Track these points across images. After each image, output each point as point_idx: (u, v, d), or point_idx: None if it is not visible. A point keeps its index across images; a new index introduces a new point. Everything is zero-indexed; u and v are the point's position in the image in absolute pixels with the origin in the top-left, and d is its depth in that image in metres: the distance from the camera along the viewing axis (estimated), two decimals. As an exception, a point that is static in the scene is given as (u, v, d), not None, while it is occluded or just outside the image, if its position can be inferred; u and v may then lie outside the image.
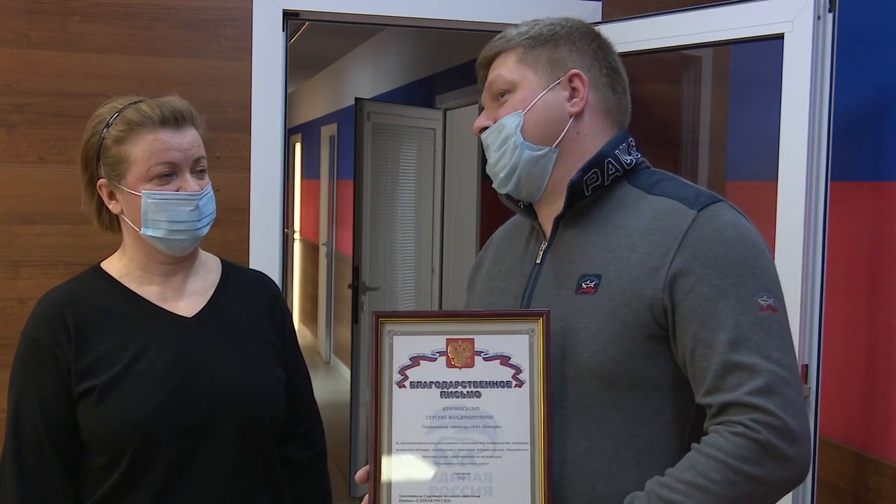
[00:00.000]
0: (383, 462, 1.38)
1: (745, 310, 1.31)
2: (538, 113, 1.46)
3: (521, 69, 1.48)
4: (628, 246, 1.39)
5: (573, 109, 1.47)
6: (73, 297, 1.65)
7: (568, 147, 1.47)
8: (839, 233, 2.54)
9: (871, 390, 2.49)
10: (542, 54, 1.49)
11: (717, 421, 1.30)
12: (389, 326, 1.41)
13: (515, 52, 1.49)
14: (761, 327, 1.30)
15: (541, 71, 1.48)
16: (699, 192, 1.42)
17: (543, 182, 1.48)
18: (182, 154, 1.61)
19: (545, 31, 1.50)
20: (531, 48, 1.49)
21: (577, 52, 1.49)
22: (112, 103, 1.67)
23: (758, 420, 1.26)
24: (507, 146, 1.47)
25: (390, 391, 1.39)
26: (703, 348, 1.31)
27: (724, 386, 1.29)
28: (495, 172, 1.50)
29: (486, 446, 1.36)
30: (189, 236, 1.63)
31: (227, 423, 1.63)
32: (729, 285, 1.31)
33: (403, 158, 5.39)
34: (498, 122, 1.48)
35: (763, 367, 1.28)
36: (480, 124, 1.52)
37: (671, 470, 1.30)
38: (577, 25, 1.52)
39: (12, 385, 1.64)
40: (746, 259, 1.33)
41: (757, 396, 1.26)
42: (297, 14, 2.91)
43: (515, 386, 1.37)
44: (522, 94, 1.47)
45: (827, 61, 2.35)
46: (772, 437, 1.25)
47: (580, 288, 1.40)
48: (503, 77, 1.49)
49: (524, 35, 1.50)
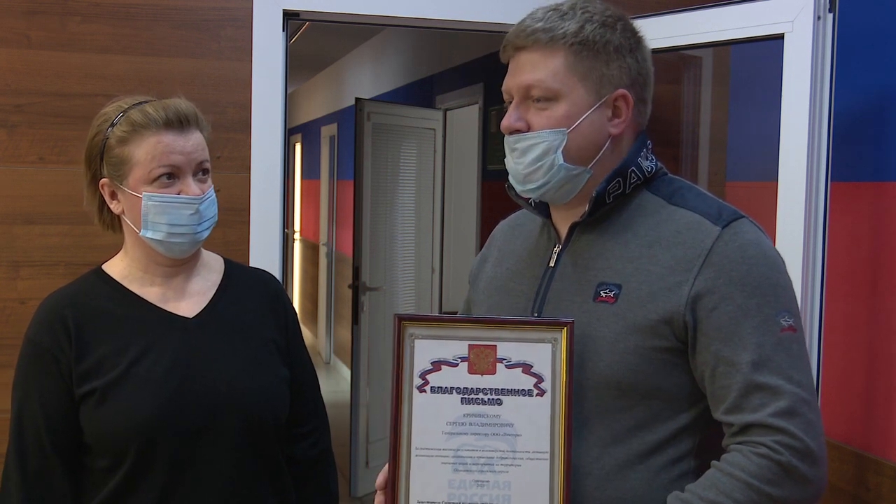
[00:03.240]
0: (402, 467, 1.37)
1: (768, 330, 1.31)
2: (581, 133, 1.40)
3: (568, 79, 1.39)
4: (649, 257, 1.38)
5: (614, 131, 1.42)
6: (74, 300, 1.65)
7: (601, 165, 1.43)
8: (839, 233, 2.54)
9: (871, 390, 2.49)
10: (594, 67, 1.39)
11: (739, 440, 1.30)
12: (411, 330, 1.40)
13: (562, 54, 1.39)
14: (783, 348, 1.31)
15: (590, 86, 1.40)
16: (721, 207, 1.40)
17: (571, 195, 1.45)
18: (185, 157, 1.61)
19: (597, 35, 1.40)
20: (581, 56, 1.39)
21: (626, 69, 1.41)
22: (118, 102, 1.66)
23: (780, 442, 1.27)
24: (544, 162, 1.40)
25: (411, 395, 1.38)
26: (725, 367, 1.31)
27: (746, 406, 1.30)
28: (524, 181, 1.44)
29: (506, 454, 1.36)
30: (188, 240, 1.63)
31: (229, 423, 1.63)
32: (752, 305, 1.32)
33: (403, 158, 5.39)
34: (536, 133, 1.40)
35: (785, 388, 1.29)
36: (513, 125, 1.42)
37: (692, 486, 1.31)
38: (627, 30, 1.44)
39: (15, 388, 1.64)
40: (769, 278, 1.34)
41: (780, 418, 1.28)
42: (297, 14, 2.91)
43: (537, 395, 1.36)
44: (567, 108, 1.39)
45: (827, 61, 2.35)
46: (793, 459, 1.26)
47: (598, 296, 1.39)
48: (546, 84, 1.39)
49: (574, 37, 1.39)
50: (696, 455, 1.37)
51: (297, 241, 10.99)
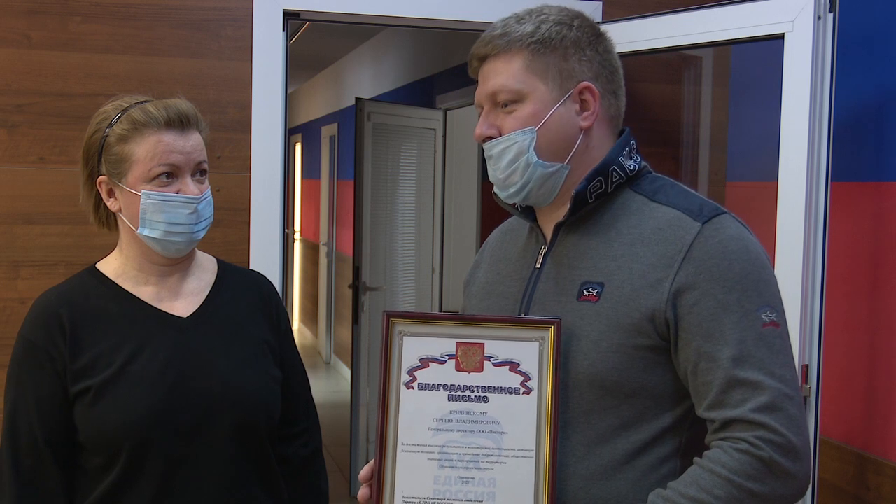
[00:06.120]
0: (387, 462, 1.38)
1: (749, 325, 1.31)
2: (550, 129, 1.42)
3: (529, 78, 1.41)
4: (632, 255, 1.38)
5: (584, 124, 1.43)
6: (68, 298, 1.65)
7: (578, 160, 1.44)
8: (839, 233, 2.54)
9: (871, 390, 2.49)
10: (552, 63, 1.42)
11: (721, 436, 1.30)
12: (400, 327, 1.41)
13: (521, 56, 1.42)
14: (764, 343, 1.31)
15: (551, 82, 1.42)
16: (703, 203, 1.41)
17: (553, 194, 1.46)
18: (184, 157, 1.61)
19: (553, 33, 1.42)
20: (539, 54, 1.42)
21: (586, 62, 1.43)
22: (117, 101, 1.66)
23: (761, 437, 1.27)
24: (518, 163, 1.42)
25: (398, 392, 1.39)
26: (707, 362, 1.31)
27: (727, 402, 1.29)
28: (504, 186, 1.45)
29: (492, 452, 1.36)
30: (185, 238, 1.63)
31: (222, 423, 1.63)
32: (733, 300, 1.31)
33: (404, 158, 5.39)
34: (507, 137, 1.42)
35: (766, 383, 1.28)
36: (484, 133, 1.45)
37: (674, 484, 1.31)
38: (584, 25, 1.46)
39: (9, 386, 1.64)
40: (750, 273, 1.33)
41: (761, 413, 1.27)
42: (297, 14, 2.91)
43: (523, 393, 1.37)
44: (533, 107, 1.41)
45: (827, 61, 2.35)
46: (775, 454, 1.26)
47: (582, 295, 1.39)
48: (509, 87, 1.42)
49: (530, 37, 1.42)
50: (681, 455, 1.37)
51: (297, 241, 10.99)
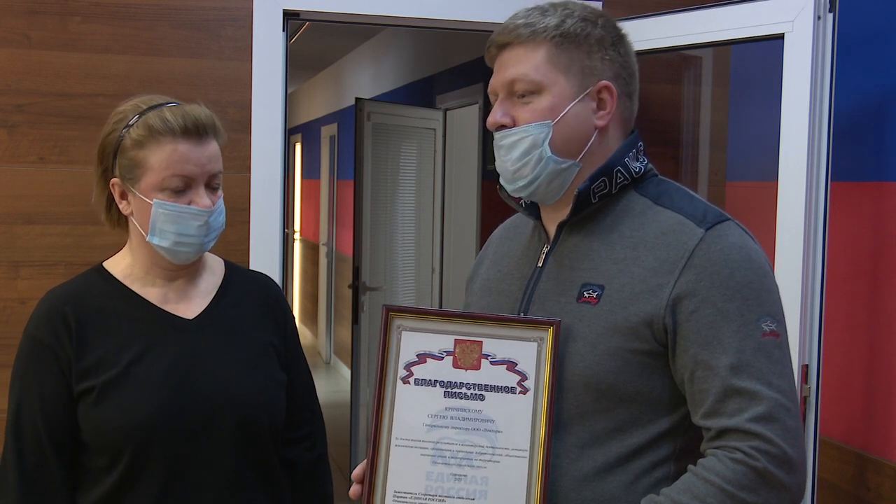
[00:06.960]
0: (381, 456, 1.37)
1: (748, 335, 1.30)
2: (567, 125, 1.40)
3: (550, 71, 1.39)
4: (634, 259, 1.37)
5: (600, 123, 1.42)
6: (75, 297, 1.65)
7: (589, 159, 1.43)
8: (839, 233, 2.54)
9: (871, 390, 2.49)
10: (575, 58, 1.40)
11: (716, 445, 1.29)
12: (399, 321, 1.40)
13: (544, 47, 1.39)
14: (763, 353, 1.30)
15: (572, 77, 1.39)
16: (707, 209, 1.39)
17: (560, 192, 1.44)
18: (199, 168, 1.60)
19: (578, 28, 1.40)
20: (562, 48, 1.39)
21: (608, 61, 1.41)
22: (136, 101, 1.64)
23: (757, 448, 1.26)
24: (531, 156, 1.40)
25: (394, 386, 1.39)
26: (704, 370, 1.30)
27: (724, 410, 1.29)
28: (513, 179, 1.44)
29: (485, 450, 1.36)
30: (195, 249, 1.63)
31: (225, 425, 1.62)
32: (733, 309, 1.30)
33: (403, 158, 5.39)
34: (522, 128, 1.40)
35: (764, 394, 1.27)
36: (499, 121, 1.43)
37: (667, 490, 1.30)
38: (608, 24, 1.44)
39: (13, 383, 1.63)
40: (752, 282, 1.32)
41: (757, 424, 1.26)
42: (297, 14, 2.91)
43: (520, 393, 1.36)
44: (551, 100, 1.39)
45: (827, 61, 2.35)
46: (770, 465, 1.25)
47: (581, 296, 1.38)
48: (529, 77, 1.39)
49: (555, 30, 1.39)
50: (676, 460, 1.36)
51: (297, 241, 10.99)
